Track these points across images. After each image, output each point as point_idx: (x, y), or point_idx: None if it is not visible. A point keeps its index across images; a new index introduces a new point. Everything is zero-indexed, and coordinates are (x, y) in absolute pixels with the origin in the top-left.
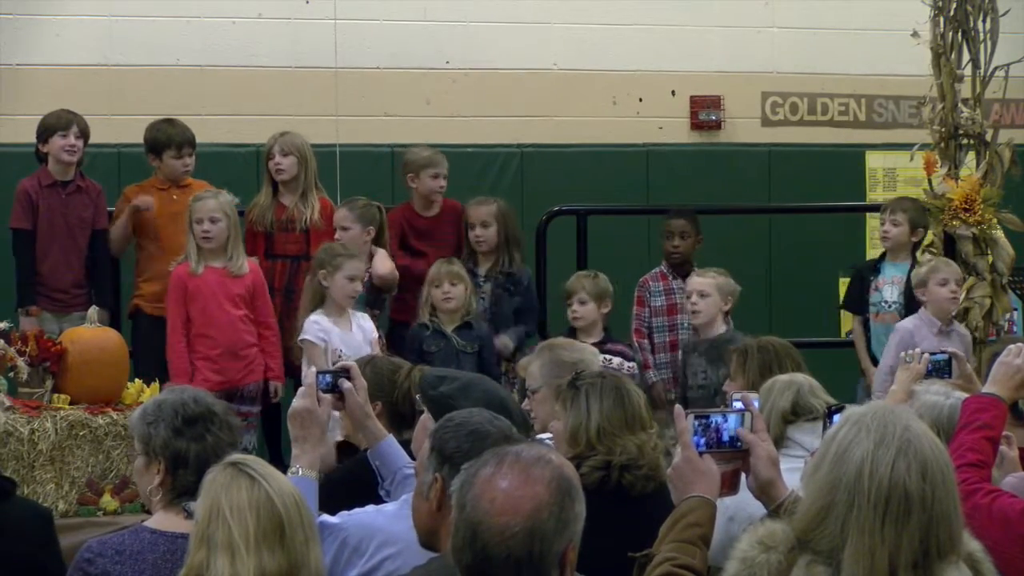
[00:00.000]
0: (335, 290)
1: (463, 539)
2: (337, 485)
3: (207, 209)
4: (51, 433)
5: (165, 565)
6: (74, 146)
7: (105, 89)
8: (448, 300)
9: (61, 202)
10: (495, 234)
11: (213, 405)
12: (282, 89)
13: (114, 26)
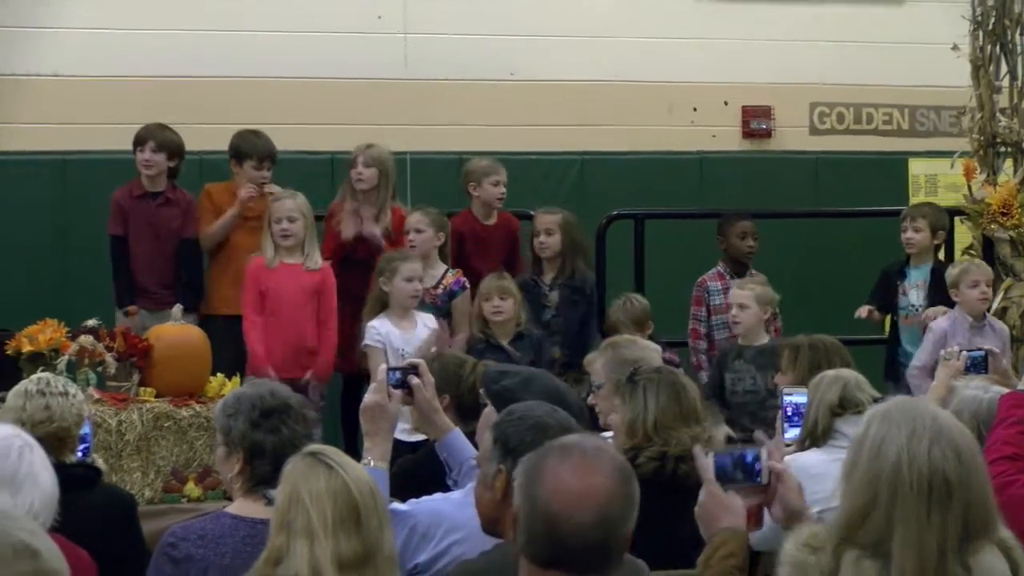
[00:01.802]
0: (396, 293)
1: (538, 533)
2: (407, 475)
3: (286, 209)
4: (138, 424)
5: (245, 549)
6: (149, 161)
7: (189, 100)
8: (498, 313)
9: (150, 212)
10: (559, 242)
11: (289, 399)
12: (355, 99)
13: (197, 41)
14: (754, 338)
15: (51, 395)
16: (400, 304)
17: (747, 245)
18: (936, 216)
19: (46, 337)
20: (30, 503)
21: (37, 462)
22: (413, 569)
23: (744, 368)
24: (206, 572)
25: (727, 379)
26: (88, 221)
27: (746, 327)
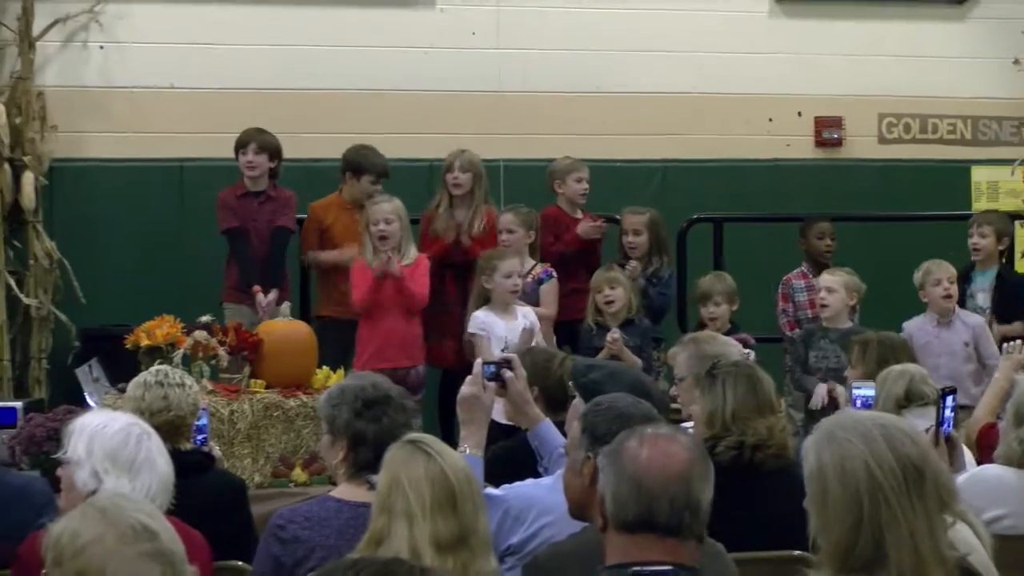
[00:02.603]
0: (496, 289)
1: (626, 495)
2: (501, 462)
3: (383, 212)
4: (248, 414)
5: (348, 530)
6: (252, 162)
7: (295, 110)
8: (610, 303)
9: (254, 210)
10: (646, 241)
11: (390, 390)
12: (452, 110)
13: (303, 55)
14: (839, 321)
15: (168, 386)
16: (501, 298)
17: (824, 245)
18: (1002, 223)
19: (163, 332)
20: (148, 487)
21: (154, 449)
22: (506, 550)
23: (829, 347)
24: (312, 552)
25: (811, 356)
26: (202, 224)
27: (833, 310)
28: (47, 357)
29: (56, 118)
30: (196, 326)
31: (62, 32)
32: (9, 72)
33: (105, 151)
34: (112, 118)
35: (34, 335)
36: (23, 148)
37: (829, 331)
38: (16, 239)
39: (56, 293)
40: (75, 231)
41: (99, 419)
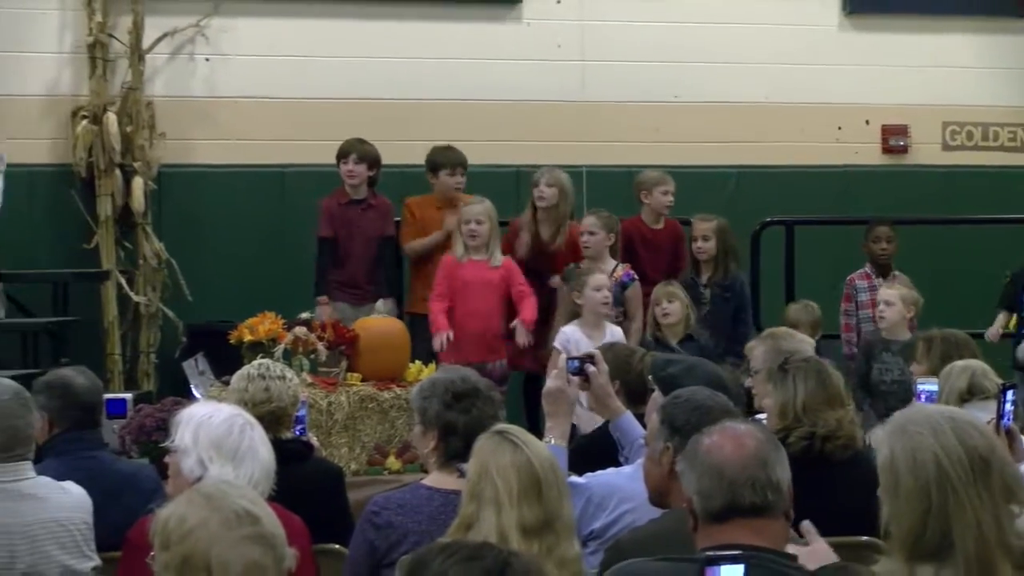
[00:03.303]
0: (587, 303)
1: (709, 487)
2: (584, 452)
3: (474, 212)
4: (345, 405)
5: (439, 517)
6: (352, 171)
7: (391, 119)
8: (667, 316)
9: (356, 216)
10: (714, 246)
11: (478, 383)
12: (537, 118)
13: (398, 67)
14: (898, 333)
15: (270, 378)
16: (592, 312)
17: (881, 248)
18: None
19: (265, 328)
20: (250, 475)
21: (257, 438)
22: (589, 535)
23: (892, 360)
24: (405, 537)
25: (875, 369)
26: (302, 226)
27: (890, 322)
28: (155, 351)
29: (164, 126)
30: (296, 322)
31: (170, 45)
32: (120, 83)
33: (210, 157)
34: (217, 126)
35: (143, 331)
36: (133, 155)
37: (891, 343)
38: (127, 240)
39: (164, 291)
40: (182, 233)
41: (205, 410)
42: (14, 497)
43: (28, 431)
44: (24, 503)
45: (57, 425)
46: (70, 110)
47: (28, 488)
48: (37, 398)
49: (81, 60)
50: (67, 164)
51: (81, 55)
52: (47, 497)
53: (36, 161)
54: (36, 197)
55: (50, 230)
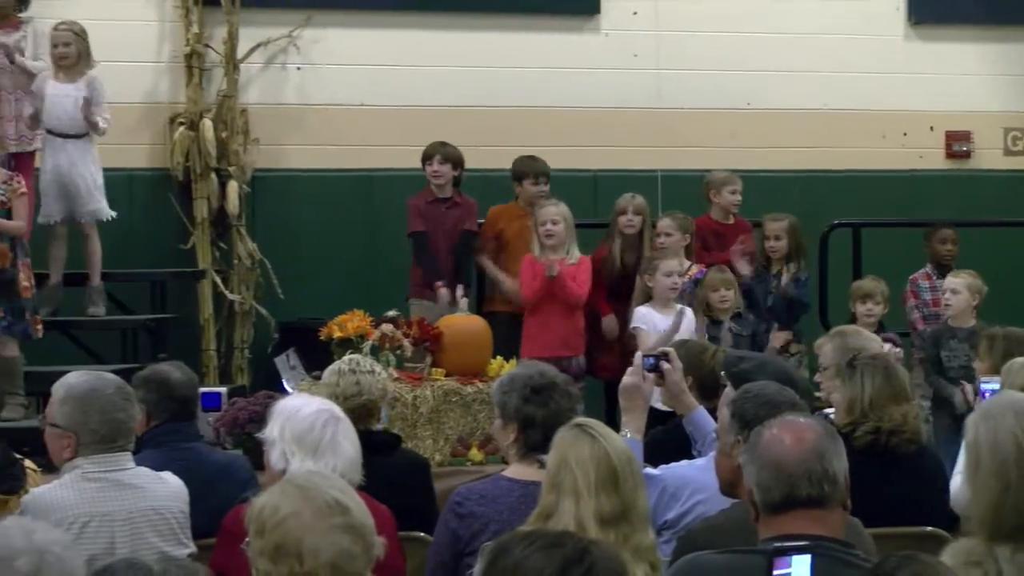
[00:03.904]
0: (656, 286)
1: (769, 480)
2: (659, 445)
3: (549, 214)
4: (429, 399)
5: (519, 507)
6: (437, 172)
7: (474, 125)
8: (724, 302)
9: (441, 215)
10: (785, 245)
11: (556, 378)
12: (615, 125)
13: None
14: (964, 320)
15: (360, 373)
16: (661, 296)
17: (946, 249)
18: None
19: (353, 325)
20: (331, 468)
21: (340, 433)
22: (663, 524)
23: (958, 347)
24: (487, 527)
25: (943, 356)
26: (389, 228)
27: (957, 309)
28: (249, 347)
29: (258, 132)
30: (383, 320)
31: (263, 55)
32: (216, 91)
33: (302, 162)
34: (308, 132)
35: (237, 328)
36: (228, 159)
37: (957, 331)
38: (222, 241)
39: (257, 290)
40: (275, 234)
41: (294, 404)
42: (115, 486)
43: (130, 424)
44: (124, 492)
45: (155, 418)
46: (168, 117)
47: (128, 478)
48: (136, 392)
49: (178, 69)
50: (165, 168)
51: (178, 64)
52: (146, 487)
53: (136, 166)
54: (136, 200)
55: (149, 231)
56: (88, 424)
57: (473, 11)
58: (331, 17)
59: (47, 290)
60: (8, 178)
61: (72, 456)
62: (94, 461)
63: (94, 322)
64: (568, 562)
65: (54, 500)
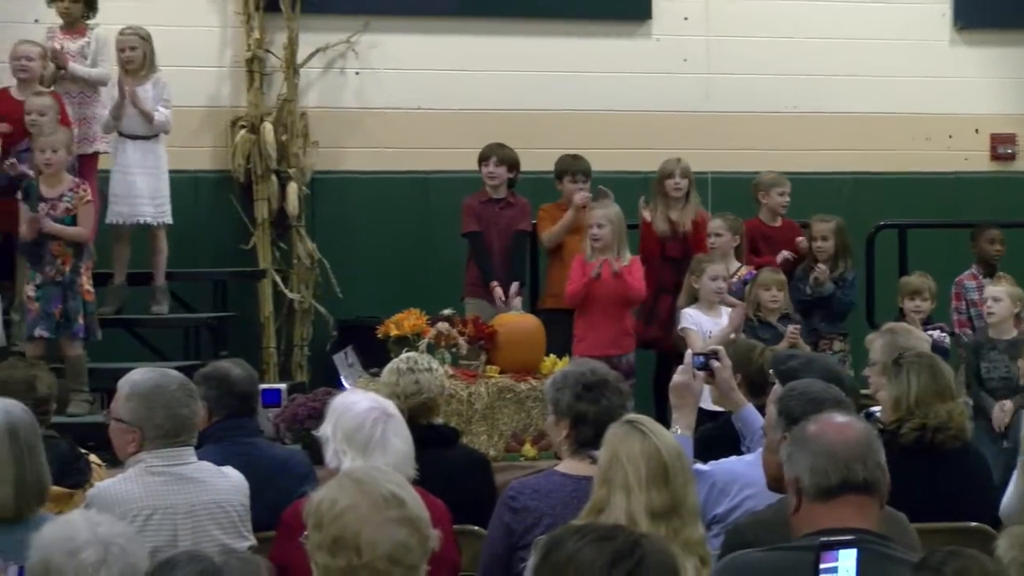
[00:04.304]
0: (703, 289)
1: (822, 466)
2: (708, 441)
3: (596, 216)
4: (484, 396)
5: (571, 501)
6: (492, 173)
7: (526, 128)
8: (774, 302)
9: (495, 215)
10: (832, 245)
11: (607, 375)
12: (665, 128)
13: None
14: (1005, 331)
15: (419, 371)
16: (707, 298)
17: (995, 249)
18: None
19: (410, 323)
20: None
21: (390, 430)
22: (712, 519)
23: (998, 358)
24: (540, 520)
25: (982, 368)
26: (445, 229)
27: (999, 318)
28: (308, 345)
29: (317, 135)
30: (439, 318)
31: (323, 59)
32: (276, 95)
33: (360, 164)
34: (366, 135)
35: (297, 326)
36: (288, 162)
37: (997, 342)
38: (282, 241)
39: (316, 289)
40: (333, 234)
41: (346, 402)
42: (177, 480)
43: (193, 419)
44: (186, 486)
45: (216, 413)
46: (230, 120)
47: (190, 472)
48: (198, 388)
49: (240, 74)
50: (227, 170)
51: (240, 69)
52: (207, 480)
53: (198, 168)
54: (198, 201)
55: (211, 232)
56: (152, 419)
57: (527, 17)
58: (388, 23)
59: (111, 289)
60: (75, 186)
61: (136, 451)
62: (157, 455)
63: (158, 320)
64: (619, 555)
65: (118, 494)
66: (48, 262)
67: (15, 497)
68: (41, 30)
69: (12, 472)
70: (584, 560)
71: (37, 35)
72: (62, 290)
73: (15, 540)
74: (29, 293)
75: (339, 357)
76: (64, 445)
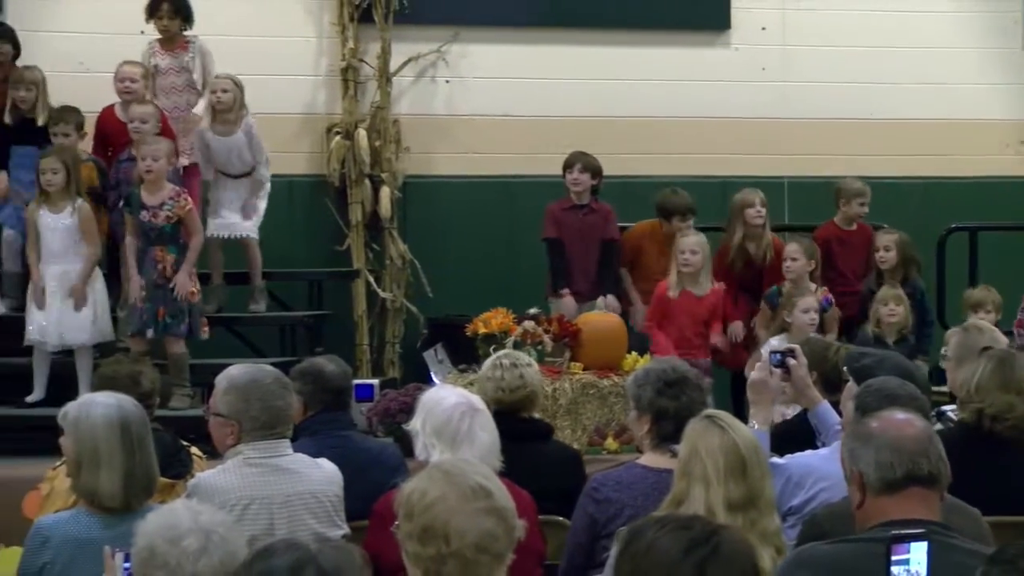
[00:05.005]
0: (795, 322)
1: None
2: (785, 436)
3: (689, 244)
4: (568, 392)
5: (652, 493)
6: (577, 180)
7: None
8: (892, 316)
9: (578, 221)
10: (895, 256)
11: (687, 372)
12: (744, 134)
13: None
14: None
15: (522, 366)
16: (800, 330)
17: None
18: None
19: (497, 322)
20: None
21: (476, 424)
22: (788, 511)
23: None
24: (622, 511)
25: None
26: (530, 231)
27: None
28: (399, 342)
29: (409, 141)
30: (525, 317)
31: (414, 69)
32: (370, 103)
33: (449, 169)
34: (455, 141)
35: (389, 324)
36: (381, 166)
37: None
38: (375, 243)
39: (407, 288)
40: (424, 236)
41: (434, 397)
42: (274, 471)
43: (287, 411)
44: (283, 477)
45: (311, 408)
46: (325, 127)
47: (286, 463)
48: (294, 384)
49: (335, 82)
50: (322, 175)
51: (335, 78)
52: (303, 472)
53: (295, 172)
54: (295, 204)
55: (307, 234)
56: (249, 412)
57: (610, 27)
58: (477, 33)
59: (211, 289)
60: (176, 194)
61: (235, 443)
62: (255, 448)
63: (255, 318)
64: (694, 542)
65: (218, 484)
66: (151, 267)
67: (124, 489)
68: (144, 41)
69: (122, 464)
70: (661, 548)
71: (141, 46)
72: (165, 292)
73: (123, 531)
74: (137, 294)
75: (429, 354)
76: (167, 437)
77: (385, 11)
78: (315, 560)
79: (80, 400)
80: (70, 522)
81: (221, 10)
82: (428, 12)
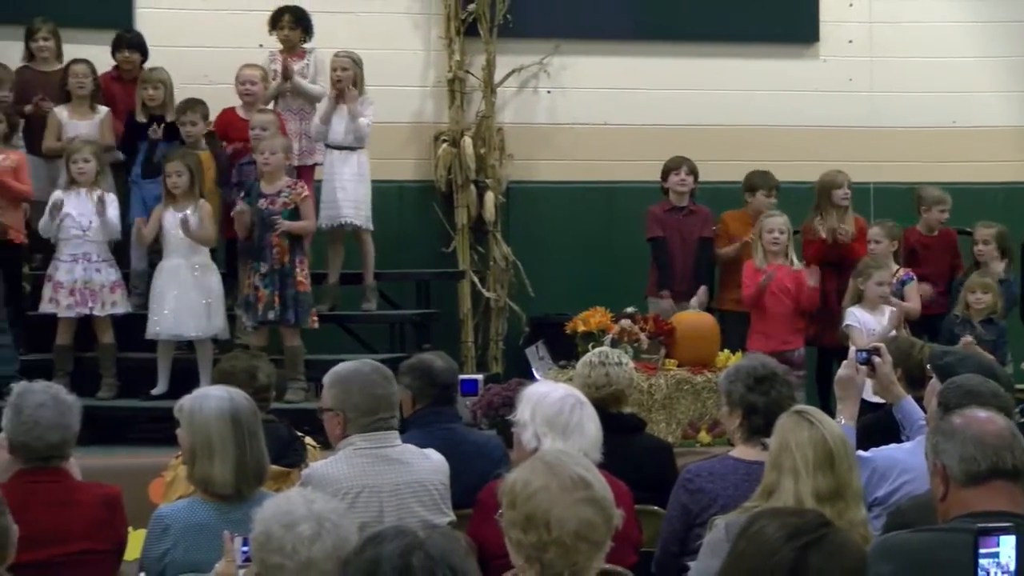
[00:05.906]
0: (869, 291)
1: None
2: (870, 430)
3: (776, 223)
4: (663, 387)
5: (743, 484)
6: (683, 181)
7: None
8: (979, 302)
9: (679, 221)
10: (993, 249)
11: (776, 369)
12: (831, 142)
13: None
14: None
15: (609, 365)
16: (871, 300)
17: None
18: None
19: (596, 320)
20: (577, 448)
21: (584, 416)
22: (873, 501)
23: None
24: (714, 501)
25: None
26: (628, 234)
27: None
28: (503, 339)
29: (512, 149)
30: (622, 315)
31: (517, 80)
32: (475, 112)
33: (551, 175)
34: (556, 149)
35: (493, 322)
36: (486, 172)
37: None
38: (479, 245)
39: (511, 288)
40: (526, 239)
41: (543, 390)
42: (383, 461)
43: (389, 398)
44: (391, 466)
45: (419, 401)
46: (432, 135)
47: (395, 454)
48: (402, 379)
49: (442, 93)
50: (430, 181)
51: (442, 88)
52: (411, 462)
53: (404, 178)
54: (404, 208)
55: (415, 236)
56: (351, 399)
57: (703, 40)
58: (577, 46)
59: (326, 288)
60: (292, 183)
61: (343, 434)
62: (365, 439)
63: (367, 316)
64: (799, 530)
65: (329, 473)
66: (268, 255)
67: (235, 477)
68: (264, 55)
69: (233, 454)
70: (769, 531)
71: (260, 59)
72: (280, 278)
73: (238, 517)
74: (256, 283)
75: (531, 351)
76: (282, 429)
77: (490, 25)
78: (423, 546)
79: (194, 394)
80: (187, 510)
81: (338, 26)
82: (531, 26)
